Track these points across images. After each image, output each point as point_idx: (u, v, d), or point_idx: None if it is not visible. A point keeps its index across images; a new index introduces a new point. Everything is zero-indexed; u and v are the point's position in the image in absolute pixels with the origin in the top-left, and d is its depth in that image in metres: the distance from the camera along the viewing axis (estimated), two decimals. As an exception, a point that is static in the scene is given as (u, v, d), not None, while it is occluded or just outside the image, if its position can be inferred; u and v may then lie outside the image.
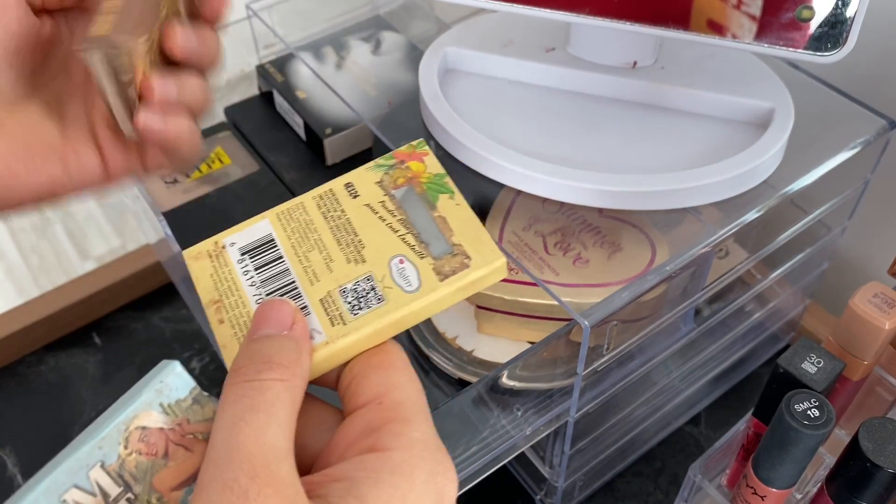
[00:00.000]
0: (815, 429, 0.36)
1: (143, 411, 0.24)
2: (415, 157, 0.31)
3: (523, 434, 0.45)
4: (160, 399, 0.24)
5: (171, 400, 0.24)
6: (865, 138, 0.47)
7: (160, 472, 0.24)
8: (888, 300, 0.40)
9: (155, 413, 0.24)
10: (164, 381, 0.25)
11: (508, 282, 0.48)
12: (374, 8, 0.66)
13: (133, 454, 0.24)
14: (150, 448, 0.24)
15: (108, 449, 0.23)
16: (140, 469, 0.24)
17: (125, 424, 0.24)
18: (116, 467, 0.23)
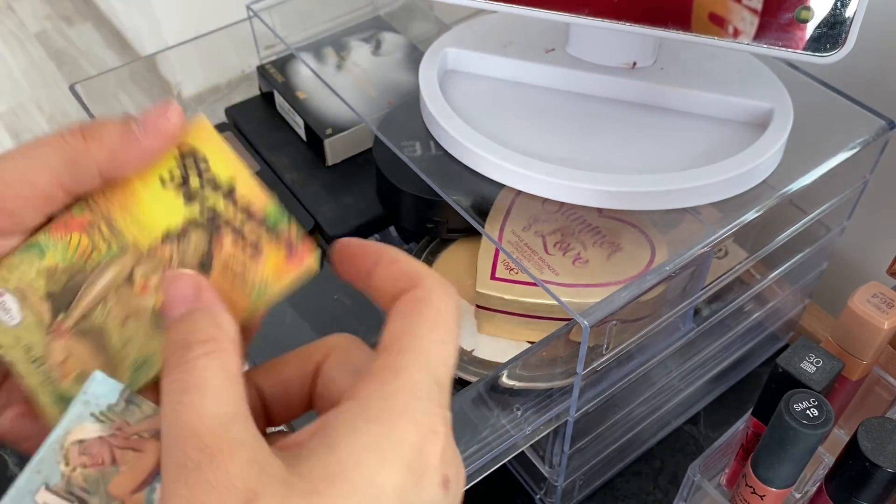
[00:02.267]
0: (814, 428, 0.36)
1: (76, 426, 0.23)
2: None
3: (523, 433, 0.45)
4: (89, 409, 0.24)
5: (101, 407, 0.24)
6: (864, 138, 0.47)
7: (113, 479, 0.23)
8: (887, 300, 0.40)
9: (88, 424, 0.23)
10: (88, 391, 0.24)
11: (508, 282, 0.48)
12: (374, 9, 0.66)
13: (77, 469, 0.23)
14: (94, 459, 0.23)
15: (48, 471, 0.23)
16: (90, 481, 0.23)
17: (58, 443, 0.23)
18: (63, 486, 0.23)
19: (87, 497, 0.23)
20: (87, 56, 1.39)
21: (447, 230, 0.54)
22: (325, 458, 0.21)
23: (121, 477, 0.23)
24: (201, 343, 0.24)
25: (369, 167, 0.57)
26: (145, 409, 0.24)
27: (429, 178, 0.46)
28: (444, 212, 0.52)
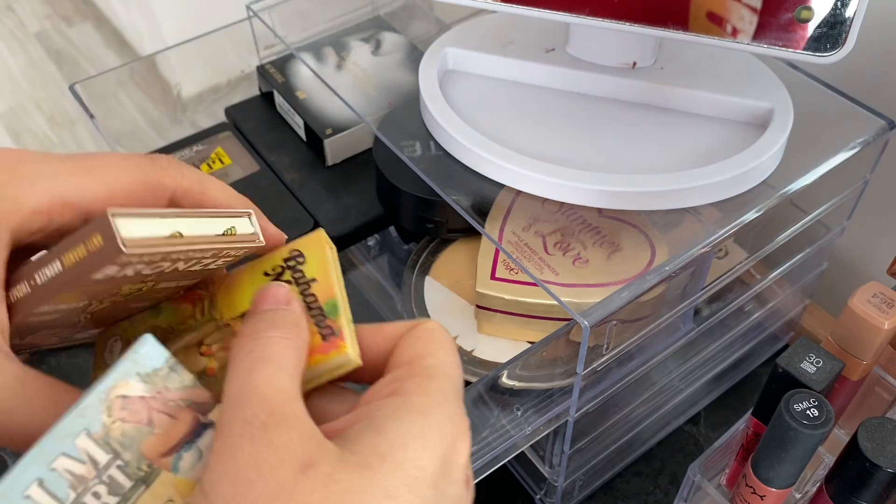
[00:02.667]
0: (814, 428, 0.36)
1: (122, 381, 0.24)
2: None
3: (523, 434, 0.45)
4: (136, 369, 0.25)
5: (147, 370, 0.25)
6: (864, 138, 0.47)
7: (147, 439, 0.25)
8: (887, 300, 0.40)
9: (133, 382, 0.24)
10: (139, 351, 0.25)
11: (508, 282, 0.48)
12: (374, 8, 0.66)
13: (117, 422, 0.24)
14: (133, 416, 0.24)
15: (91, 417, 0.24)
16: (127, 437, 0.24)
17: (105, 394, 0.24)
18: (102, 435, 0.24)
19: (121, 451, 0.24)
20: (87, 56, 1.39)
21: (447, 230, 0.54)
22: (375, 439, 0.23)
23: (154, 439, 0.25)
24: (284, 328, 0.26)
25: (369, 167, 0.57)
26: (185, 380, 0.26)
27: (429, 178, 0.46)
28: (444, 212, 0.52)
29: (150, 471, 0.24)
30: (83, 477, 0.23)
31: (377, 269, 0.65)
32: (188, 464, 0.25)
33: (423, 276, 0.55)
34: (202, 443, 0.25)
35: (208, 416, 0.26)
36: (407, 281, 0.55)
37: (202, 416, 0.26)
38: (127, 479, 0.24)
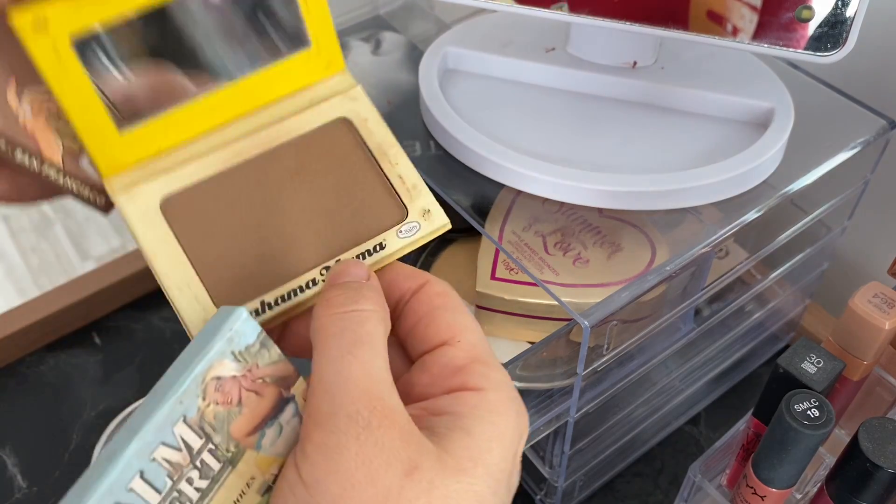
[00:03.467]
0: (814, 429, 0.36)
1: (217, 361, 0.24)
2: None
3: (523, 434, 0.45)
4: (231, 347, 0.24)
5: (241, 347, 0.24)
6: (865, 138, 0.47)
7: (235, 419, 0.24)
8: (888, 300, 0.40)
9: (227, 362, 0.24)
10: (234, 328, 0.24)
11: (508, 282, 0.48)
12: (374, 8, 0.66)
13: (210, 405, 0.23)
14: (225, 397, 0.24)
15: (189, 402, 0.23)
16: (218, 419, 0.24)
17: (202, 376, 0.23)
18: (197, 420, 0.23)
19: (212, 434, 0.24)
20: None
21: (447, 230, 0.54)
22: (466, 441, 0.24)
23: (242, 418, 0.24)
24: (370, 300, 0.26)
25: (369, 167, 0.57)
26: (273, 355, 0.25)
27: (429, 178, 0.46)
28: (444, 212, 0.52)
29: (236, 451, 0.24)
30: (179, 464, 0.23)
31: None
32: (270, 440, 0.25)
33: (423, 276, 0.55)
34: (283, 417, 0.25)
35: (290, 390, 0.25)
36: (407, 281, 0.54)
37: (285, 391, 0.25)
38: (216, 461, 0.24)
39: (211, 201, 0.29)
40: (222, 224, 0.29)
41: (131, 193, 0.28)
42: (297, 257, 0.29)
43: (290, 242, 0.29)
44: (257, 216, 0.29)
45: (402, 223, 0.30)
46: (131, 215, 0.28)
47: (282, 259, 0.29)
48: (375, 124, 0.31)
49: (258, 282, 0.28)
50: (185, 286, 0.28)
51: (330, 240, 0.29)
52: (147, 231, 0.28)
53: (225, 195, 0.29)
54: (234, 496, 0.24)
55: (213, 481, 0.24)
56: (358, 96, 0.31)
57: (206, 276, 0.28)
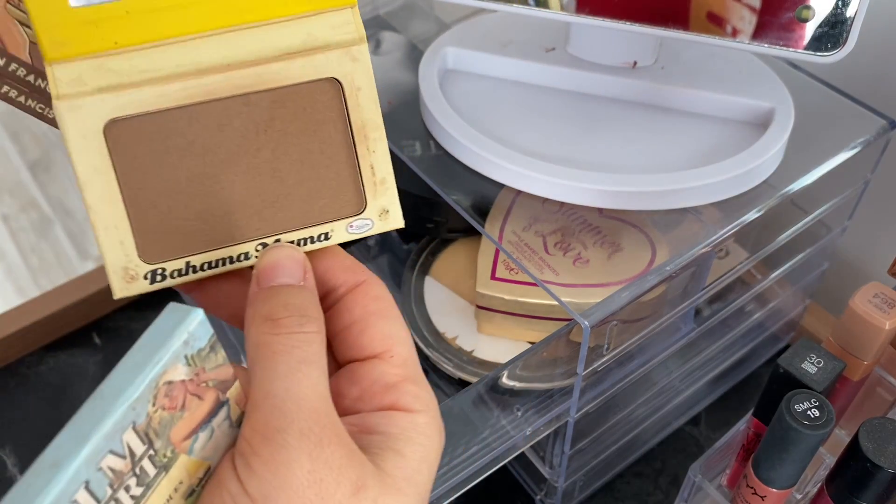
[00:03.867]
0: (815, 429, 0.35)
1: (172, 365, 0.22)
2: None
3: (523, 434, 0.45)
4: (186, 350, 0.23)
5: (194, 350, 0.23)
6: (865, 138, 0.47)
7: (177, 424, 0.23)
8: (888, 300, 0.40)
9: (180, 365, 0.23)
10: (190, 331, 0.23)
11: (508, 282, 0.48)
12: (374, 8, 0.66)
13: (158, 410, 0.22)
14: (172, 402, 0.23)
15: (140, 408, 0.22)
16: (162, 424, 0.22)
17: (156, 381, 0.22)
18: (145, 426, 0.22)
19: (154, 440, 0.22)
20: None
21: (447, 230, 0.54)
22: (400, 463, 0.25)
23: (182, 423, 0.23)
24: (314, 321, 0.25)
25: (369, 167, 0.57)
26: (219, 359, 0.24)
27: (429, 178, 0.46)
28: (444, 212, 0.52)
29: (172, 456, 0.23)
30: (121, 472, 0.22)
31: (377, 269, 0.65)
32: (201, 444, 0.24)
33: (423, 276, 0.55)
34: (216, 421, 0.24)
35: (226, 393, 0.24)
36: (407, 281, 0.54)
37: (222, 395, 0.24)
38: (153, 467, 0.23)
39: (162, 137, 0.26)
40: (168, 166, 0.26)
41: (75, 104, 0.25)
42: (236, 223, 0.27)
43: (234, 205, 0.27)
44: (208, 167, 0.26)
45: (356, 217, 0.28)
46: (70, 131, 0.25)
47: (221, 221, 0.27)
48: (367, 98, 0.28)
49: (189, 240, 0.27)
50: (112, 227, 0.26)
51: (276, 214, 0.27)
52: (84, 155, 0.25)
53: (180, 134, 0.26)
54: (162, 502, 0.23)
55: (147, 488, 0.23)
56: (360, 56, 0.28)
57: (137, 220, 0.26)
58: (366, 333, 0.27)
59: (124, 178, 0.26)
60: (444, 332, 0.51)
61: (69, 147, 0.25)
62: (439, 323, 0.52)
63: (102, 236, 0.26)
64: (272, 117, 0.27)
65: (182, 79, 0.26)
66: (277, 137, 0.27)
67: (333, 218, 0.28)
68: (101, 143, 0.25)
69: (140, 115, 0.25)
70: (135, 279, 0.27)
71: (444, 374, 0.51)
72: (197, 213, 0.26)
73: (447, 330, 0.51)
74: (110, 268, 0.26)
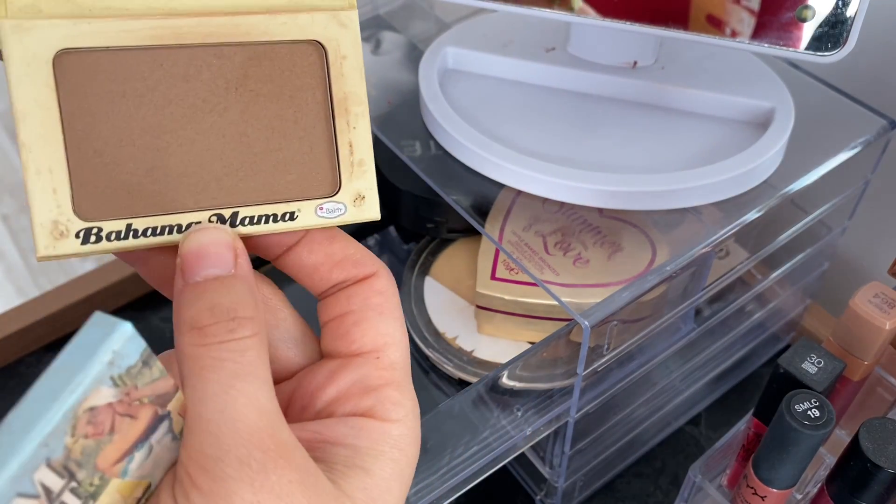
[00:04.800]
0: (815, 429, 0.35)
1: (94, 390, 0.19)
2: None
3: (523, 434, 0.45)
4: (111, 371, 0.19)
5: (122, 370, 0.20)
6: (866, 138, 0.47)
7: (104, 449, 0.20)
8: (888, 300, 0.40)
9: (105, 388, 0.19)
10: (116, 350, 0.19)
11: (508, 282, 0.48)
12: (373, 7, 0.66)
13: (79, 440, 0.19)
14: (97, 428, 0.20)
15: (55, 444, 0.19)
16: (85, 453, 0.20)
17: (73, 411, 0.19)
18: (62, 460, 0.19)
19: (76, 471, 0.19)
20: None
21: (447, 230, 0.54)
22: (366, 482, 0.23)
23: (111, 447, 0.20)
24: (248, 321, 0.22)
25: (369, 167, 0.57)
26: (154, 373, 0.21)
27: (429, 177, 0.46)
28: (444, 212, 0.52)
29: (101, 483, 0.20)
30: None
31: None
32: (137, 464, 0.21)
33: (423, 276, 0.55)
34: (154, 437, 0.21)
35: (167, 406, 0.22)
36: (407, 281, 0.54)
37: (160, 409, 0.21)
38: (77, 499, 0.20)
39: (119, 79, 0.23)
40: (121, 113, 0.23)
41: (23, 25, 0.22)
42: (191, 188, 0.24)
43: (190, 167, 0.24)
44: (166, 120, 0.24)
45: (328, 199, 0.25)
46: (13, 55, 0.22)
47: (173, 183, 0.24)
48: (352, 68, 0.25)
49: (134, 200, 0.23)
50: (46, 170, 0.22)
51: (237, 184, 0.24)
52: (25, 85, 0.22)
53: (140, 78, 0.23)
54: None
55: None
56: (349, 23, 0.25)
57: (77, 168, 0.23)
58: (359, 327, 0.25)
59: (69, 119, 0.22)
60: (444, 332, 0.51)
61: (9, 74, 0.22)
62: (439, 323, 0.52)
63: (33, 180, 0.22)
64: (245, 75, 0.24)
65: (150, 17, 0.23)
66: (248, 98, 0.24)
67: (302, 197, 0.25)
68: (47, 74, 0.22)
69: (96, 49, 0.23)
70: (64, 236, 0.23)
71: (444, 374, 0.51)
72: (147, 171, 0.23)
73: (447, 330, 0.51)
74: (37, 219, 0.22)
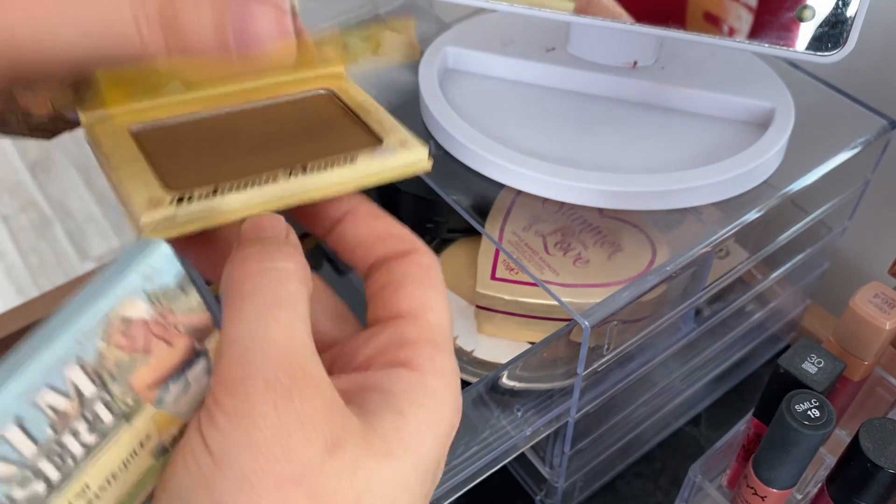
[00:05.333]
0: (815, 429, 0.35)
1: (128, 299, 0.20)
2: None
3: (523, 434, 0.45)
4: (146, 286, 0.20)
5: (156, 287, 0.21)
6: (866, 138, 0.47)
7: (138, 368, 0.21)
8: (889, 300, 0.40)
9: (139, 302, 0.20)
10: (152, 264, 0.20)
11: (508, 282, 0.48)
12: (374, 8, 0.66)
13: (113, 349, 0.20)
14: (131, 342, 0.20)
15: (87, 343, 0.19)
16: (119, 366, 0.20)
17: (107, 314, 0.20)
18: (94, 364, 0.20)
19: (109, 383, 0.20)
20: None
21: (447, 230, 0.54)
22: (398, 423, 0.22)
23: (146, 368, 0.21)
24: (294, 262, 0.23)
25: (369, 167, 0.57)
26: (191, 302, 0.22)
27: (429, 178, 0.46)
28: (444, 212, 0.52)
29: (134, 405, 0.21)
30: (66, 413, 0.19)
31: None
32: (173, 397, 0.22)
33: (423, 277, 0.55)
34: (192, 373, 0.22)
35: (204, 343, 0.22)
36: (407, 281, 0.54)
37: (198, 344, 0.22)
38: (110, 414, 0.20)
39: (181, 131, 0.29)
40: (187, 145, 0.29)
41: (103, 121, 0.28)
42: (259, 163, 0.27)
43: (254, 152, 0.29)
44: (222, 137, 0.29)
45: (377, 147, 0.29)
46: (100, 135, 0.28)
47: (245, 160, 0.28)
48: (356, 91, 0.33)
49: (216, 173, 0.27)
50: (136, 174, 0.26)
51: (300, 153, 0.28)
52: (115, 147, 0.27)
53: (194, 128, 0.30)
54: (124, 456, 0.21)
55: (104, 437, 0.20)
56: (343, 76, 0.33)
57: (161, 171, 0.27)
58: (398, 293, 0.25)
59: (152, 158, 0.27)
60: (444, 333, 0.51)
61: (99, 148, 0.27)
62: (439, 323, 0.52)
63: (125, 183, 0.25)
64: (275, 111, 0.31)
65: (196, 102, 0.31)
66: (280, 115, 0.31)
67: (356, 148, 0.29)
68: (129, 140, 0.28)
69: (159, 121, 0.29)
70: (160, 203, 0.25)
71: (444, 375, 0.50)
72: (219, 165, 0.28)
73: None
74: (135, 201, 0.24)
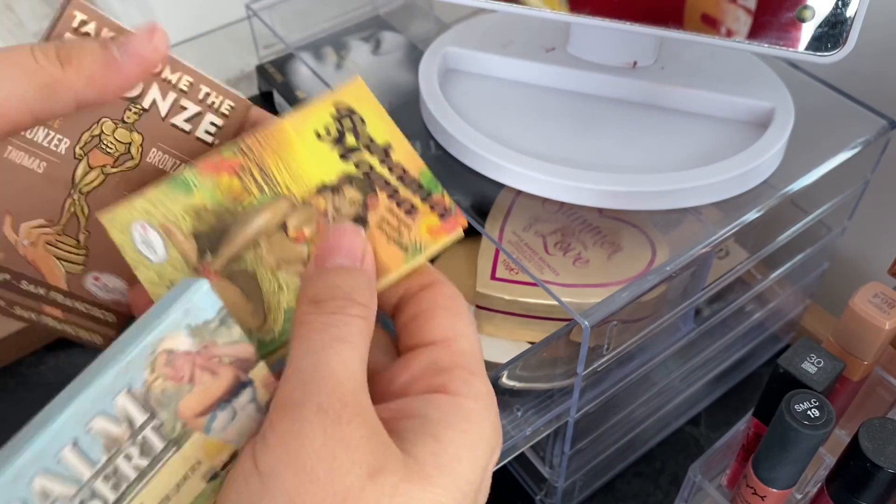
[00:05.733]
0: (815, 429, 0.35)
1: (171, 333, 0.22)
2: None
3: (523, 434, 0.45)
4: (187, 320, 0.22)
5: (198, 321, 0.23)
6: (865, 138, 0.47)
7: (185, 397, 0.23)
8: (888, 300, 0.40)
9: (182, 335, 0.22)
10: (192, 300, 0.22)
11: (508, 282, 0.48)
12: (374, 8, 0.66)
13: (159, 379, 0.22)
14: (176, 373, 0.22)
15: (135, 373, 0.21)
16: (166, 395, 0.22)
17: (152, 347, 0.22)
18: (142, 393, 0.22)
19: (158, 410, 0.22)
20: (87, 56, 1.38)
21: (447, 230, 0.54)
22: (434, 447, 0.23)
23: (192, 397, 0.23)
24: (362, 305, 0.24)
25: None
26: (233, 334, 0.23)
27: (429, 177, 0.46)
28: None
29: (183, 431, 0.23)
30: (118, 438, 0.21)
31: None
32: (221, 424, 0.24)
33: (422, 276, 0.55)
34: (238, 402, 0.24)
35: (248, 374, 0.24)
36: (407, 281, 0.54)
37: (242, 374, 0.24)
38: (160, 440, 0.22)
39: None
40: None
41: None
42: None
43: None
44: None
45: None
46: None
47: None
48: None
49: None
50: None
51: None
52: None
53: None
54: (176, 479, 0.23)
55: (155, 460, 0.22)
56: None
57: None
58: (429, 322, 0.26)
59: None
60: (444, 332, 0.51)
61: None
62: (439, 323, 0.52)
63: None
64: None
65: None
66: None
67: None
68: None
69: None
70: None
71: (444, 374, 0.50)
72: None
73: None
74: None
